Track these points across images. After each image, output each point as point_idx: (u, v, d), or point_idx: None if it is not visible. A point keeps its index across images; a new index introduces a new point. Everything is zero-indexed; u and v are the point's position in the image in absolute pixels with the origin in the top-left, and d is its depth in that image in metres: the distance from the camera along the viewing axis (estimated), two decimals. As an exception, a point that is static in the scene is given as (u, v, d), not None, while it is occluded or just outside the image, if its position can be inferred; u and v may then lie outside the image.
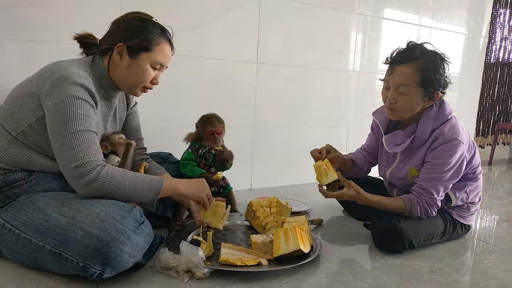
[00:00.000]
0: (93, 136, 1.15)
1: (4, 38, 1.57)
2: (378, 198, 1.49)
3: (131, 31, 1.23)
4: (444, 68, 1.43)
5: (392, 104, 1.45)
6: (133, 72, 1.26)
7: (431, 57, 1.41)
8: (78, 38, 1.30)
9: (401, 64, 1.41)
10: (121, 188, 1.13)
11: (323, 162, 1.49)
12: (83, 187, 1.10)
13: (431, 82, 1.39)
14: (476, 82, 3.31)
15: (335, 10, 2.39)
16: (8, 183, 1.18)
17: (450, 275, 1.29)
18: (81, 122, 1.12)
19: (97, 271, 1.03)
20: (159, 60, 1.27)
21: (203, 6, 1.97)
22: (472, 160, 1.52)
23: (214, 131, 1.62)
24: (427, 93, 1.41)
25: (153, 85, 1.33)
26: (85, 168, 1.09)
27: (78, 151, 1.09)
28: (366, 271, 1.28)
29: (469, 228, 1.64)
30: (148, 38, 1.23)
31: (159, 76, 1.33)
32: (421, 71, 1.38)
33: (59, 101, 1.10)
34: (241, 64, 2.14)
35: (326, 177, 1.47)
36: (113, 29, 1.27)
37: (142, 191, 1.17)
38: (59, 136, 1.11)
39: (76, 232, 1.04)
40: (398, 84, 1.41)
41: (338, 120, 2.58)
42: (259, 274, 1.20)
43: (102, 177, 1.10)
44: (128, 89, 1.32)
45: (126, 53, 1.24)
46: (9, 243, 1.12)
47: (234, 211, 1.73)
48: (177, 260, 1.15)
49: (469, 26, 3.09)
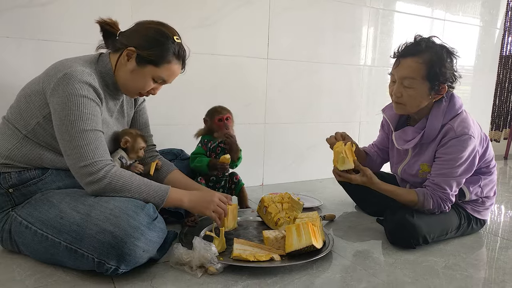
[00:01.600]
0: (100, 135, 1.15)
1: (19, 37, 1.60)
2: (392, 188, 1.49)
3: (147, 42, 1.22)
4: (451, 61, 1.40)
5: (398, 97, 1.44)
6: (134, 78, 1.26)
7: (437, 50, 1.39)
8: (100, 22, 1.26)
9: (407, 58, 1.40)
10: (127, 190, 1.14)
11: (343, 149, 1.47)
12: (91, 184, 1.12)
13: (437, 76, 1.37)
14: (491, 75, 3.25)
15: (346, 3, 2.37)
16: (23, 181, 1.20)
17: (465, 271, 1.27)
18: (88, 122, 1.12)
19: (112, 267, 1.05)
20: (163, 77, 1.26)
21: (214, 3, 1.97)
22: (485, 154, 1.50)
23: (222, 117, 1.62)
24: (433, 86, 1.39)
25: (149, 94, 1.33)
26: (94, 168, 1.10)
27: (87, 151, 1.11)
28: (380, 266, 1.28)
29: (484, 223, 1.62)
30: (160, 55, 1.22)
31: (158, 89, 1.32)
32: (426, 64, 1.37)
33: (65, 100, 1.11)
34: (252, 60, 2.14)
35: (343, 164, 1.46)
36: (133, 31, 1.25)
37: (147, 197, 1.17)
38: (66, 135, 1.12)
39: (91, 228, 1.05)
40: (403, 77, 1.40)
41: (350, 115, 2.56)
42: (272, 270, 1.20)
43: (111, 176, 1.12)
44: (124, 89, 1.31)
45: (134, 59, 1.23)
46: (27, 239, 1.14)
47: (246, 207, 1.73)
48: (191, 256, 1.16)
49: (483, 18, 3.03)
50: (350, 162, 1.46)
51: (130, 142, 1.38)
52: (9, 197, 1.19)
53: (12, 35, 1.58)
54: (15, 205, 1.20)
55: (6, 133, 1.21)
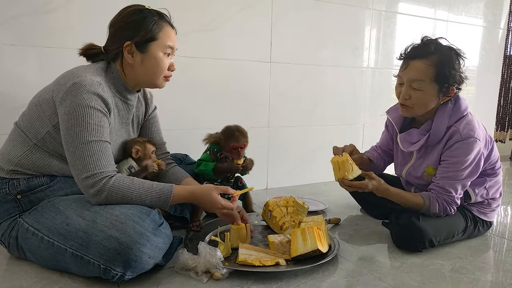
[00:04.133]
0: (105, 146, 1.15)
1: (24, 45, 1.61)
2: (398, 191, 1.47)
3: (132, 27, 1.22)
4: (459, 63, 1.40)
5: (406, 100, 1.43)
6: (148, 65, 1.25)
7: (446, 52, 1.38)
8: (82, 53, 1.28)
9: (415, 60, 1.39)
10: (128, 200, 1.14)
11: (346, 158, 1.42)
12: (93, 197, 1.12)
13: (446, 78, 1.37)
14: (495, 75, 3.23)
15: (348, 6, 2.37)
16: (31, 188, 1.21)
17: (472, 274, 1.26)
18: (93, 133, 1.12)
19: (118, 273, 1.05)
20: (168, 44, 1.26)
21: (216, 7, 1.97)
22: (490, 156, 1.49)
23: (238, 146, 1.58)
24: (441, 88, 1.39)
25: (172, 72, 1.32)
26: (93, 179, 1.10)
27: (89, 162, 1.11)
28: (386, 270, 1.27)
29: (491, 225, 1.61)
30: (150, 28, 1.22)
31: (174, 64, 1.32)
32: (435, 66, 1.36)
33: (71, 111, 1.11)
34: (255, 64, 2.14)
35: (352, 172, 1.42)
36: (113, 32, 1.25)
37: (151, 201, 1.17)
38: (71, 146, 1.12)
39: (96, 235, 1.06)
40: (412, 80, 1.40)
41: (353, 117, 2.56)
42: (277, 274, 1.20)
43: (108, 189, 1.11)
44: (151, 83, 1.30)
45: (136, 50, 1.23)
46: (33, 246, 1.15)
47: (250, 211, 1.73)
48: (196, 261, 1.16)
49: (487, 18, 3.02)
50: (357, 168, 1.43)
51: (140, 151, 1.38)
52: (17, 203, 1.20)
53: (17, 43, 1.60)
54: (22, 211, 1.21)
55: (17, 140, 1.22)
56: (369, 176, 1.45)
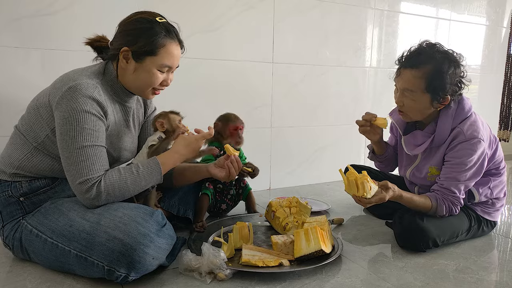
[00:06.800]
0: (100, 150, 1.15)
1: (27, 47, 1.62)
2: (410, 196, 1.42)
3: (134, 35, 1.18)
4: (454, 71, 1.37)
5: (401, 106, 1.44)
6: (140, 76, 1.22)
7: (439, 61, 1.35)
8: (89, 43, 1.27)
9: (407, 69, 1.39)
10: (125, 190, 1.15)
11: (367, 177, 1.32)
12: (91, 201, 1.12)
13: (438, 89, 1.36)
14: (498, 74, 3.22)
15: (350, 5, 2.36)
16: (34, 190, 1.21)
17: (477, 274, 1.26)
18: (88, 138, 1.12)
19: (122, 274, 1.05)
20: (166, 63, 1.22)
21: (217, 8, 1.97)
22: (494, 156, 1.49)
23: (237, 127, 1.64)
24: (435, 97, 1.38)
25: (164, 87, 1.29)
26: (88, 184, 1.10)
27: (83, 168, 1.10)
28: (390, 270, 1.27)
29: (495, 224, 1.60)
30: (152, 41, 1.18)
31: (169, 78, 1.27)
32: (425, 78, 1.35)
33: (67, 115, 1.11)
34: (257, 65, 2.14)
35: (371, 191, 1.31)
36: (118, 33, 1.23)
37: (146, 180, 1.18)
38: (66, 151, 1.12)
39: (100, 236, 1.06)
40: (403, 89, 1.41)
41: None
42: (281, 275, 1.20)
43: (104, 189, 1.11)
44: (138, 92, 1.28)
45: (131, 58, 1.20)
46: (37, 247, 1.16)
47: (253, 211, 1.73)
48: (199, 262, 1.16)
49: (489, 17, 3.00)
50: (375, 185, 1.34)
51: (165, 122, 1.34)
52: (20, 205, 1.21)
53: (20, 45, 1.60)
54: (25, 213, 1.21)
55: (17, 143, 1.22)
56: (385, 186, 1.38)
